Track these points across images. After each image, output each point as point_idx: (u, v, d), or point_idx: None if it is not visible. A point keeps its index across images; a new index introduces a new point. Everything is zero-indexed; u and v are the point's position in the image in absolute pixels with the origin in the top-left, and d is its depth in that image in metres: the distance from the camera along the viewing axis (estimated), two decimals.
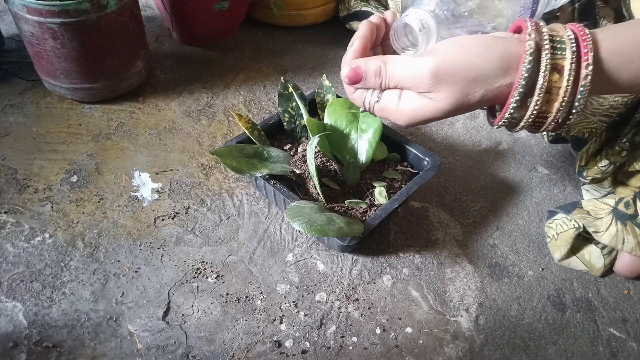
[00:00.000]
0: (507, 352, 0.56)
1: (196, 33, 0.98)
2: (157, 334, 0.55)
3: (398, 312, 0.59)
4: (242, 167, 0.61)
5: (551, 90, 0.37)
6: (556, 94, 0.37)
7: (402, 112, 0.42)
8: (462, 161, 0.79)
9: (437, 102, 0.39)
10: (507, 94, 0.38)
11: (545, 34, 0.37)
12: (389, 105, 0.42)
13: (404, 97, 0.41)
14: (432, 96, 0.39)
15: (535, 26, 0.37)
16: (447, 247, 0.67)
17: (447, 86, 0.38)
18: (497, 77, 0.37)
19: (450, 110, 0.40)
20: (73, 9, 0.69)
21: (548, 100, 0.37)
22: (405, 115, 0.41)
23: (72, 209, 0.67)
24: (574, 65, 0.36)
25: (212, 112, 0.85)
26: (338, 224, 0.55)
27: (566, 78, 0.36)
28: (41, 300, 0.57)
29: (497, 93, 0.38)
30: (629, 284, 0.64)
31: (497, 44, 0.38)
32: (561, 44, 0.37)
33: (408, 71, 0.40)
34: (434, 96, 0.39)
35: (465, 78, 0.38)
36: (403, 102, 0.41)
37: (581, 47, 0.36)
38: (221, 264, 0.62)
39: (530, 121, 0.38)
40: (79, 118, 0.81)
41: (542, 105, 0.37)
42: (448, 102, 0.39)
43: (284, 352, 0.54)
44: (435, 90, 0.39)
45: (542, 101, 0.37)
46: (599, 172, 0.65)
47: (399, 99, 0.42)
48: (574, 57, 0.36)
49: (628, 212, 0.61)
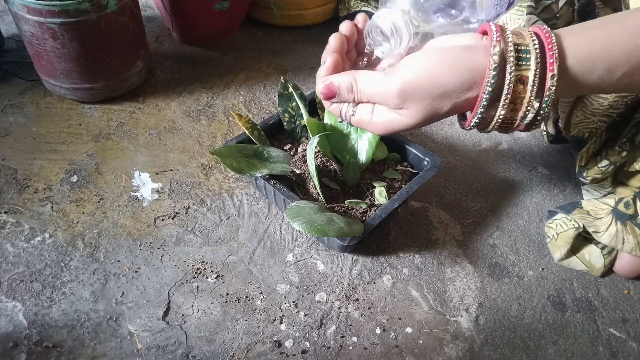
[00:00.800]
0: (507, 352, 0.56)
1: (196, 33, 0.98)
2: (157, 334, 0.55)
3: (398, 312, 0.59)
4: (242, 167, 0.61)
5: (515, 101, 0.38)
6: (520, 103, 0.38)
7: (375, 124, 0.44)
8: (462, 161, 0.79)
9: (407, 118, 0.41)
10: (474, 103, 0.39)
11: (511, 43, 0.37)
12: (363, 118, 0.44)
13: (376, 111, 0.43)
14: (402, 112, 0.41)
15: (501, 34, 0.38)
16: (447, 247, 0.67)
17: (414, 103, 0.40)
18: (463, 92, 0.39)
19: (421, 123, 0.42)
20: (73, 9, 0.69)
21: (512, 109, 0.39)
22: (379, 127, 0.44)
23: (72, 209, 0.67)
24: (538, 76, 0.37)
25: (212, 112, 0.85)
26: (338, 224, 0.55)
27: (530, 89, 0.37)
28: (41, 300, 0.57)
29: (465, 104, 0.40)
30: (629, 284, 0.64)
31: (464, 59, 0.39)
32: (526, 54, 0.37)
33: (376, 89, 0.42)
34: (403, 112, 0.41)
35: (432, 95, 0.39)
36: (376, 115, 0.43)
37: (547, 57, 0.37)
38: (221, 264, 0.62)
39: (497, 126, 0.40)
40: (79, 118, 0.81)
41: (507, 114, 0.39)
42: (417, 117, 0.41)
43: (284, 352, 0.54)
44: (404, 107, 0.41)
45: (507, 110, 0.38)
46: (599, 173, 0.65)
47: (372, 113, 0.44)
48: (537, 69, 0.37)
49: (628, 212, 0.61)
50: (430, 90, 0.39)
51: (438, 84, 0.39)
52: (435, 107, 0.40)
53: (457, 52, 0.39)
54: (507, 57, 0.37)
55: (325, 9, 1.05)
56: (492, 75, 0.37)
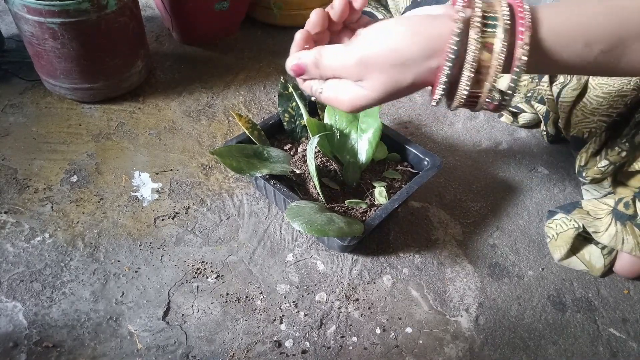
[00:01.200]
0: (507, 352, 0.56)
1: (196, 33, 0.98)
2: (157, 334, 0.55)
3: (398, 312, 0.59)
4: (242, 167, 0.61)
5: (481, 70, 0.36)
6: (486, 74, 0.36)
7: (341, 101, 0.42)
8: (462, 161, 0.79)
9: (369, 91, 0.40)
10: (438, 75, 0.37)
11: (478, 9, 0.35)
12: (330, 94, 0.43)
13: (341, 87, 0.42)
14: (364, 84, 0.40)
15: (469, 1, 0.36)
16: (447, 247, 0.67)
17: (375, 74, 0.39)
18: (424, 60, 0.37)
19: (384, 96, 0.40)
20: (73, 9, 0.69)
21: (478, 80, 0.36)
22: (345, 103, 0.42)
23: (72, 209, 0.67)
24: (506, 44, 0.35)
25: (212, 112, 0.85)
26: (338, 224, 0.55)
27: (496, 57, 0.35)
28: (41, 300, 0.57)
29: (428, 76, 0.37)
30: (629, 284, 0.64)
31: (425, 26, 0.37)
32: (493, 21, 0.35)
33: (338, 62, 0.40)
34: (365, 84, 0.40)
35: (391, 64, 0.38)
36: (341, 91, 0.42)
37: (517, 26, 0.35)
38: (221, 264, 0.62)
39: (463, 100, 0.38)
40: (79, 118, 0.81)
41: (473, 86, 0.36)
42: (379, 89, 0.39)
43: (284, 352, 0.54)
44: (365, 79, 0.39)
45: (472, 82, 0.36)
46: (598, 173, 0.65)
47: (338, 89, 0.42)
48: (505, 36, 0.35)
49: (628, 212, 0.61)
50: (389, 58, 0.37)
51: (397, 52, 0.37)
52: (396, 77, 0.38)
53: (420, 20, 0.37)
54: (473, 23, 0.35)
55: None
56: (454, 42, 0.35)
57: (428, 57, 0.36)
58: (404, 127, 0.85)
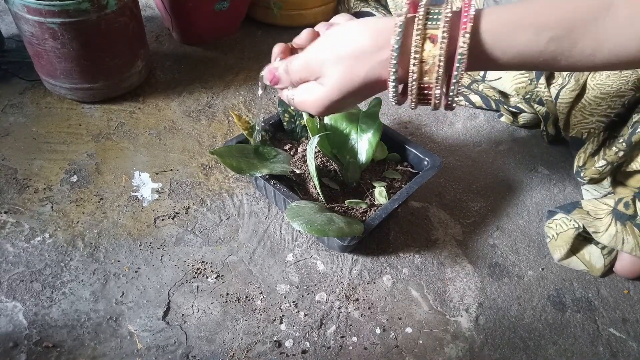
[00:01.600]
0: (507, 352, 0.56)
1: (196, 33, 0.98)
2: (157, 334, 0.55)
3: (398, 312, 0.59)
4: (242, 167, 0.61)
5: (426, 60, 0.38)
6: (432, 63, 0.38)
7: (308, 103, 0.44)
8: (462, 161, 0.79)
9: (328, 87, 0.42)
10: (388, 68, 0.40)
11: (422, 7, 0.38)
12: (299, 99, 0.45)
13: (307, 89, 0.44)
14: (323, 81, 0.42)
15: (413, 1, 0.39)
16: (447, 247, 0.67)
17: (330, 68, 0.41)
18: (374, 52, 0.39)
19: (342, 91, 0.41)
20: (73, 9, 0.69)
21: (424, 70, 0.38)
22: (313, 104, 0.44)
23: (72, 209, 0.67)
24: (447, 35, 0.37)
25: (212, 112, 0.85)
26: (338, 224, 0.55)
27: (439, 47, 0.37)
28: (41, 300, 0.57)
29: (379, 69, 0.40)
30: (629, 284, 0.64)
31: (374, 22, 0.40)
32: (436, 15, 0.37)
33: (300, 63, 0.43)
34: (324, 81, 0.42)
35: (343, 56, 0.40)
36: (307, 93, 0.44)
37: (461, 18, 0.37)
38: (221, 264, 0.62)
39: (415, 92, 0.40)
40: (79, 118, 0.81)
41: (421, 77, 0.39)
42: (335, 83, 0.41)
43: (284, 352, 0.54)
44: (324, 75, 0.41)
45: (419, 72, 0.38)
46: (596, 173, 0.65)
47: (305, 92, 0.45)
48: (446, 26, 0.37)
49: (627, 212, 0.61)
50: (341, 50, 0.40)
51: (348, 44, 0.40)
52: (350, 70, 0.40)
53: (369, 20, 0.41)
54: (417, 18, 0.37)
55: (325, 9, 1.05)
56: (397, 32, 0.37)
57: (377, 49, 0.39)
58: (404, 127, 0.85)
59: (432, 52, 0.37)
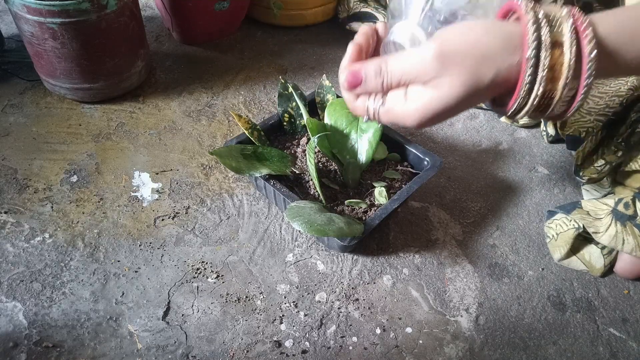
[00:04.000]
0: (507, 352, 0.56)
1: (196, 33, 0.98)
2: (157, 334, 0.55)
3: (398, 312, 0.59)
4: (242, 167, 0.61)
5: (554, 67, 0.36)
6: (559, 70, 0.36)
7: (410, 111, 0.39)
8: (462, 161, 0.79)
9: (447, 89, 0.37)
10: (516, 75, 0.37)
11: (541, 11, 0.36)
12: (396, 106, 0.40)
13: (410, 94, 0.39)
14: (440, 82, 0.37)
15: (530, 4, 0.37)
16: (447, 247, 0.67)
17: (454, 69, 0.36)
18: (505, 56, 0.36)
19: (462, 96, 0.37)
20: (73, 9, 0.69)
21: (552, 77, 0.36)
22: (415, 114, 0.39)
23: (72, 209, 0.67)
24: (575, 41, 0.35)
25: (212, 112, 0.85)
26: (338, 224, 0.55)
27: (567, 54, 0.35)
28: (41, 300, 0.57)
29: (507, 74, 0.37)
30: (629, 284, 0.64)
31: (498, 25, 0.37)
32: (557, 20, 0.36)
33: (410, 60, 0.38)
34: (442, 82, 0.37)
35: (473, 57, 0.36)
36: (410, 99, 0.39)
37: (578, 25, 0.36)
38: (221, 264, 0.62)
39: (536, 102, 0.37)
40: (79, 118, 0.81)
41: (547, 84, 0.36)
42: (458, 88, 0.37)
43: (284, 352, 0.54)
44: (442, 75, 0.37)
45: (547, 78, 0.36)
46: (595, 172, 0.65)
47: (405, 98, 0.39)
48: (573, 34, 0.35)
49: (627, 212, 0.61)
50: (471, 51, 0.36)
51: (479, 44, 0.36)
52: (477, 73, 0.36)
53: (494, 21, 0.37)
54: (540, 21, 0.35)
55: (325, 9, 1.05)
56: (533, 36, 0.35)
57: (509, 53, 0.36)
58: (404, 127, 0.85)
59: (560, 59, 0.36)
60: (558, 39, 0.36)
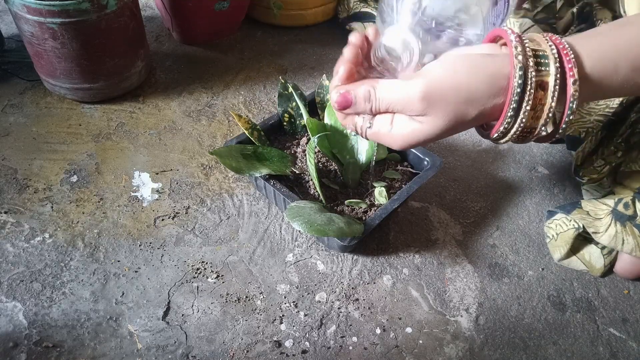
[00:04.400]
0: (507, 352, 0.56)
1: (196, 33, 0.98)
2: (157, 334, 0.55)
3: (398, 312, 0.59)
4: (242, 167, 0.61)
5: (536, 107, 0.37)
6: (541, 110, 0.37)
7: (395, 137, 0.41)
8: (462, 161, 0.79)
9: (430, 126, 0.39)
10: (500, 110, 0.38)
11: (529, 48, 0.36)
12: (381, 130, 0.42)
13: (396, 122, 0.41)
14: (424, 119, 0.39)
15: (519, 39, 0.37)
16: (447, 247, 0.67)
17: (438, 109, 0.38)
18: (490, 98, 0.37)
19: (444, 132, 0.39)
20: (73, 9, 0.69)
21: (533, 116, 0.37)
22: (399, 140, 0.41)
23: (72, 209, 0.67)
24: (559, 82, 0.36)
25: (212, 112, 0.85)
26: (338, 224, 0.55)
27: (550, 95, 0.36)
28: (41, 300, 0.57)
29: (491, 111, 0.38)
30: (629, 284, 0.64)
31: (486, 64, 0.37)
32: (545, 59, 0.37)
33: (398, 95, 0.39)
34: (425, 120, 0.39)
35: (458, 99, 0.38)
36: (396, 127, 0.41)
37: (564, 63, 0.36)
38: (221, 264, 0.62)
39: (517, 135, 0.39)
40: (79, 118, 0.81)
41: (528, 121, 0.38)
42: (441, 124, 0.39)
43: (284, 352, 0.54)
44: (427, 114, 0.38)
45: (528, 117, 0.37)
46: (594, 172, 0.65)
47: (391, 124, 0.41)
48: (557, 74, 0.36)
49: (627, 213, 0.61)
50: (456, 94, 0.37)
51: (464, 88, 0.37)
52: (461, 113, 0.38)
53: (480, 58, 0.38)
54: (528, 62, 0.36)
55: (325, 9, 1.05)
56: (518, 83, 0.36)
57: (495, 95, 0.37)
58: None
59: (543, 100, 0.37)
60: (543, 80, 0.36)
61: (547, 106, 0.37)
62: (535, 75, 0.36)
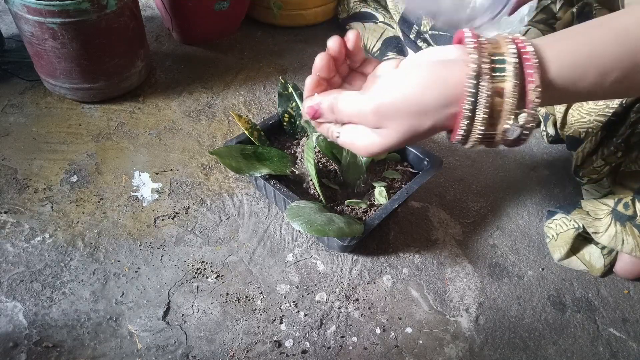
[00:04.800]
0: (507, 352, 0.56)
1: (196, 33, 0.98)
2: (157, 334, 0.55)
3: (398, 312, 0.59)
4: (242, 167, 0.61)
5: (493, 114, 0.36)
6: (498, 117, 0.36)
7: (358, 147, 0.42)
8: (462, 161, 0.79)
9: (386, 138, 0.39)
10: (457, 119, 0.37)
11: (486, 52, 0.35)
12: (347, 139, 0.43)
13: (357, 133, 0.42)
14: (380, 132, 0.39)
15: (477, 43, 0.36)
16: (447, 247, 0.67)
17: (392, 122, 0.38)
18: (442, 108, 0.37)
19: (401, 142, 0.40)
20: (73, 9, 0.69)
21: (491, 124, 0.36)
22: (361, 150, 0.42)
23: (72, 209, 0.67)
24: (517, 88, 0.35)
25: (212, 112, 0.85)
26: (338, 224, 0.55)
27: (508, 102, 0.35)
28: (41, 300, 0.57)
29: (446, 121, 0.38)
30: (629, 284, 0.64)
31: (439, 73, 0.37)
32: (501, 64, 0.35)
33: (354, 108, 0.40)
34: (381, 132, 0.39)
35: (409, 113, 0.37)
36: (357, 138, 0.42)
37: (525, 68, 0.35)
38: (221, 264, 0.62)
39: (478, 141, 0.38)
40: (79, 118, 0.81)
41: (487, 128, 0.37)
42: (395, 137, 0.39)
43: (284, 352, 0.54)
44: (381, 126, 0.39)
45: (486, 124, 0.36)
46: (594, 172, 0.65)
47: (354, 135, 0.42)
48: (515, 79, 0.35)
49: (627, 213, 0.61)
50: (407, 108, 0.37)
51: (415, 102, 0.37)
52: (414, 125, 0.38)
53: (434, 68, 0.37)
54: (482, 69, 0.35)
55: (325, 9, 1.05)
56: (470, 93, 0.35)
57: (446, 105, 0.36)
58: None
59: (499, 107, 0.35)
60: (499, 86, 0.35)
61: (505, 113, 0.35)
62: (491, 81, 0.35)
